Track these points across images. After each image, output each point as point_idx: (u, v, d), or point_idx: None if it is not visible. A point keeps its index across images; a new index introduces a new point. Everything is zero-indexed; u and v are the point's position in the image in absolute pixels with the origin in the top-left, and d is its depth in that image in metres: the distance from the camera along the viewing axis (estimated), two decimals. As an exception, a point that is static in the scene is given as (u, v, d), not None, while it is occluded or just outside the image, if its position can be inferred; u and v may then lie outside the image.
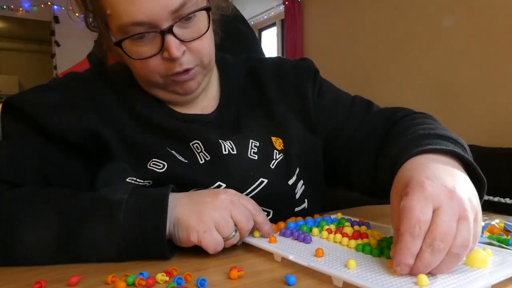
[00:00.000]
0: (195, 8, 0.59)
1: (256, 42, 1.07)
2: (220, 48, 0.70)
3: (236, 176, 0.63)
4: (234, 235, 0.52)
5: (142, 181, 0.60)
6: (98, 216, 0.50)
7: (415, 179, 0.43)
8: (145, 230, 0.50)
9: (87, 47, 0.98)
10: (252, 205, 0.56)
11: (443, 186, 0.41)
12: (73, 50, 4.73)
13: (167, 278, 0.43)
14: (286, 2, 4.56)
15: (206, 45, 0.63)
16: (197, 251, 0.51)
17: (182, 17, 0.58)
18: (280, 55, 5.05)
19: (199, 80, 0.65)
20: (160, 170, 0.61)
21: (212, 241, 0.50)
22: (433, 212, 0.40)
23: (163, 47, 0.58)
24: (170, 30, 0.57)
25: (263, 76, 0.77)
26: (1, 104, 0.64)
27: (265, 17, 5.19)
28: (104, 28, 0.61)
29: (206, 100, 0.72)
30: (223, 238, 0.51)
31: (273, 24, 5.18)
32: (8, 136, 0.62)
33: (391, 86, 3.43)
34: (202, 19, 0.61)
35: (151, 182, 0.61)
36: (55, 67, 5.08)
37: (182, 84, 0.63)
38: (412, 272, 0.40)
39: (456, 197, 0.40)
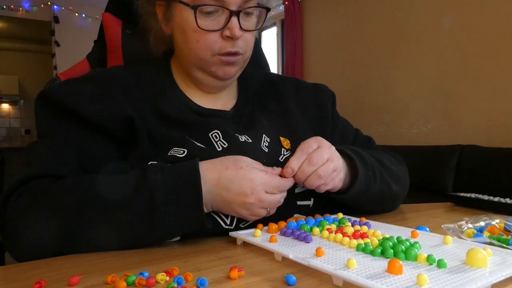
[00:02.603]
0: (260, 4, 0.69)
1: (256, 43, 1.07)
2: None
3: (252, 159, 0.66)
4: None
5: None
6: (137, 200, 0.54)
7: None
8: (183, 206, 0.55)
9: (87, 47, 0.98)
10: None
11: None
12: (73, 50, 4.75)
13: (167, 278, 0.43)
14: (286, 2, 4.57)
15: (252, 42, 0.72)
16: (197, 251, 0.51)
17: (249, 7, 0.67)
18: (280, 55, 5.05)
19: (237, 70, 0.72)
20: (181, 155, 0.63)
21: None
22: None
23: (226, 26, 0.65)
24: (238, 13, 0.66)
25: (281, 87, 0.84)
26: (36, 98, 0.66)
27: (265, 17, 5.18)
28: None
29: (226, 97, 0.78)
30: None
31: (273, 24, 5.18)
32: (43, 128, 0.65)
33: (391, 86, 3.43)
34: (254, 19, 0.71)
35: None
36: (55, 67, 5.08)
37: (224, 67, 0.69)
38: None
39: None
